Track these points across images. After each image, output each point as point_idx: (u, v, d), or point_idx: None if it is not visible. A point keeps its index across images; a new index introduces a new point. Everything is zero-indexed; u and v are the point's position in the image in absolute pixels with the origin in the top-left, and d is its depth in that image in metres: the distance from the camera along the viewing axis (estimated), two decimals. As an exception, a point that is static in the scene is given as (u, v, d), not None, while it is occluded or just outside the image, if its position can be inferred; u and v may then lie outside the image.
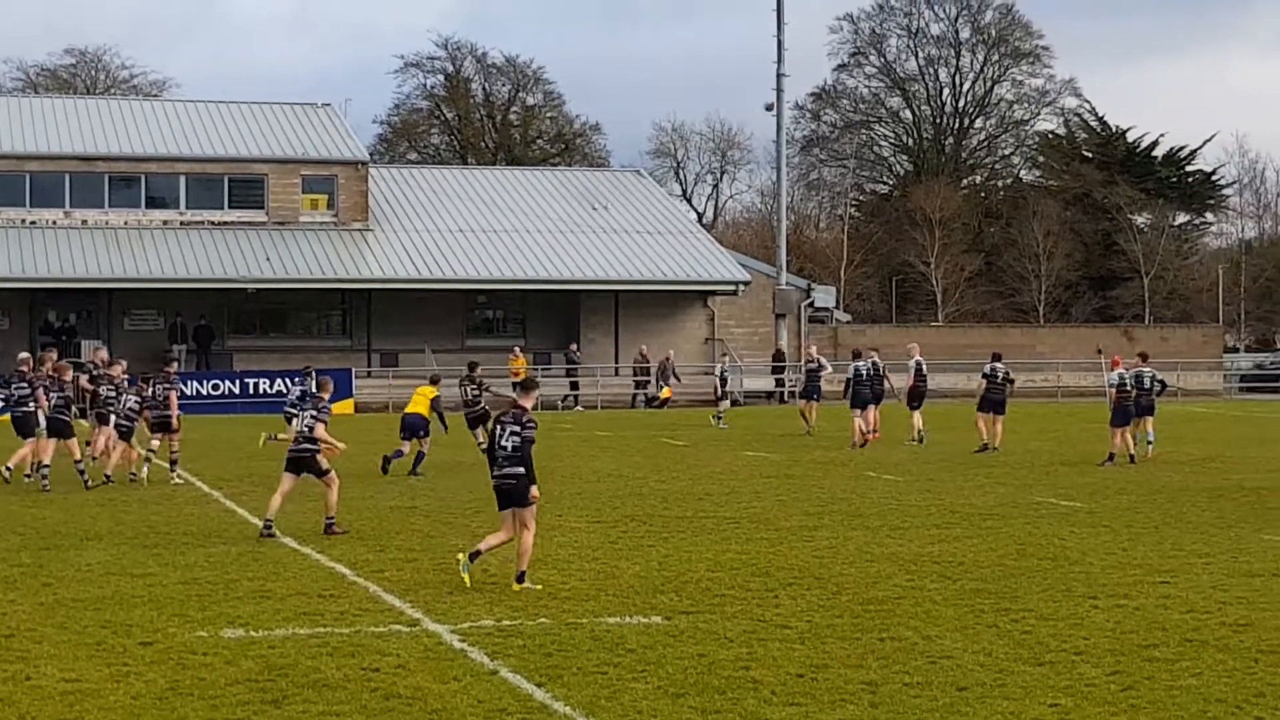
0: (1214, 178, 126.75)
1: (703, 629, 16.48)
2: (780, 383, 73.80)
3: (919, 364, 44.38)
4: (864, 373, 43.40)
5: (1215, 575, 19.77)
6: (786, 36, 78.76)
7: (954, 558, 21.34)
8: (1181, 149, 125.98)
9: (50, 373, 32.96)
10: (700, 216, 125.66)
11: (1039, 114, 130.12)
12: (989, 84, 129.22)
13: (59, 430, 31.88)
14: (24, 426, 32.32)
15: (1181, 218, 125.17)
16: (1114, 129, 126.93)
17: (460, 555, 19.39)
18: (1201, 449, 40.88)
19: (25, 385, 32.45)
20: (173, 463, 33.13)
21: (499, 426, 19.20)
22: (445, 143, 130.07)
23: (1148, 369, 38.03)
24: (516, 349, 67.65)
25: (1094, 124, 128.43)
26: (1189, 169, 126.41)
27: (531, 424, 19.09)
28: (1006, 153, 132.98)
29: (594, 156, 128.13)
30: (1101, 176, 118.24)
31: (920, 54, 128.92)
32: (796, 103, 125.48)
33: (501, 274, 70.89)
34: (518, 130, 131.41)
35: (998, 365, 42.06)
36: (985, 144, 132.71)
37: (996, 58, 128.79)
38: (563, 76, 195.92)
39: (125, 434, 32.91)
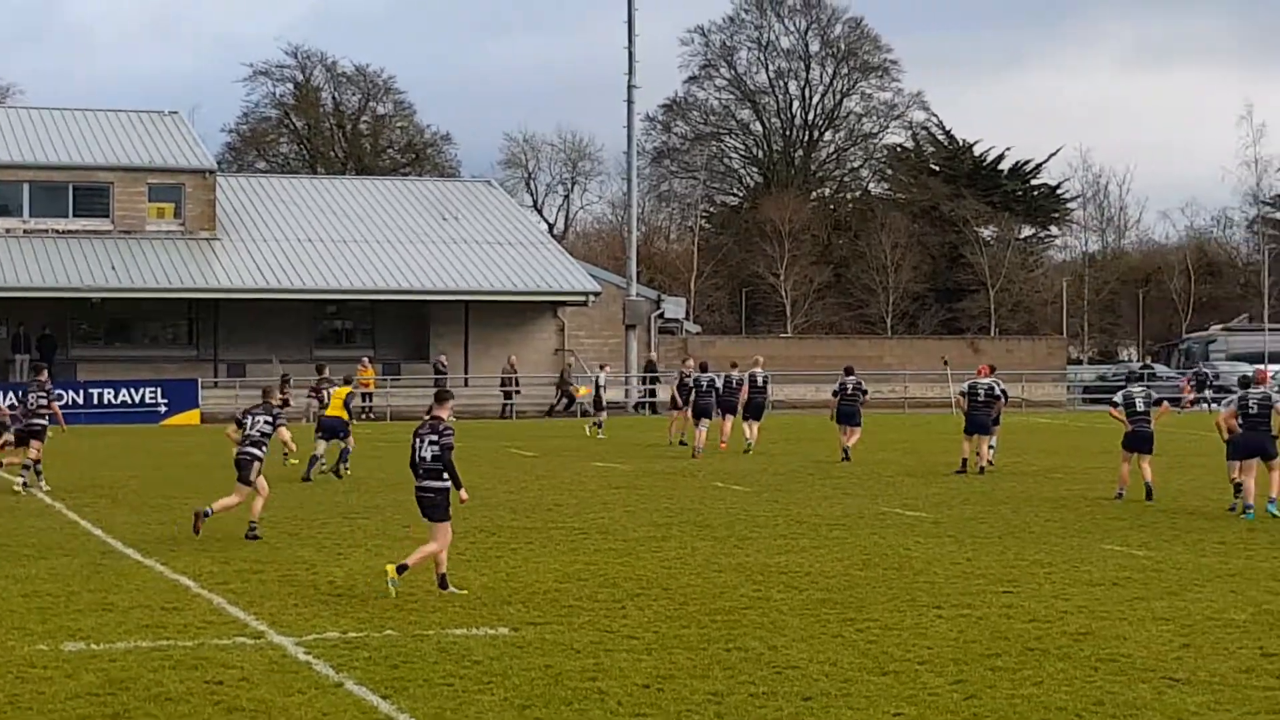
0: (1058, 191, 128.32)
1: (550, 640, 16.47)
2: (653, 393, 73.92)
3: (752, 376, 44.58)
4: (704, 384, 44.08)
5: (1057, 585, 20.00)
6: (637, 48, 78.92)
7: (800, 568, 21.46)
8: (1027, 163, 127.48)
9: None
10: (551, 227, 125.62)
11: (887, 127, 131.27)
12: (838, 97, 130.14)
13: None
14: None
15: (1027, 231, 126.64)
16: (961, 143, 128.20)
17: (388, 567, 19.43)
18: (1044, 460, 41.34)
19: None
20: (38, 470, 32.75)
21: (417, 439, 19.66)
22: (294, 152, 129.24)
23: (985, 380, 38.47)
24: (365, 360, 67.29)
25: (941, 137, 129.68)
26: (1034, 183, 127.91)
27: (449, 431, 19.67)
28: (855, 165, 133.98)
29: (444, 166, 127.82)
30: (948, 190, 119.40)
31: (770, 67, 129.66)
32: (647, 114, 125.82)
33: (351, 284, 70.49)
34: (368, 140, 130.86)
35: (849, 379, 42.33)
36: (834, 156, 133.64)
37: (846, 71, 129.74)
38: (413, 86, 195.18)
39: None
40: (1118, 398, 32.23)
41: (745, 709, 13.64)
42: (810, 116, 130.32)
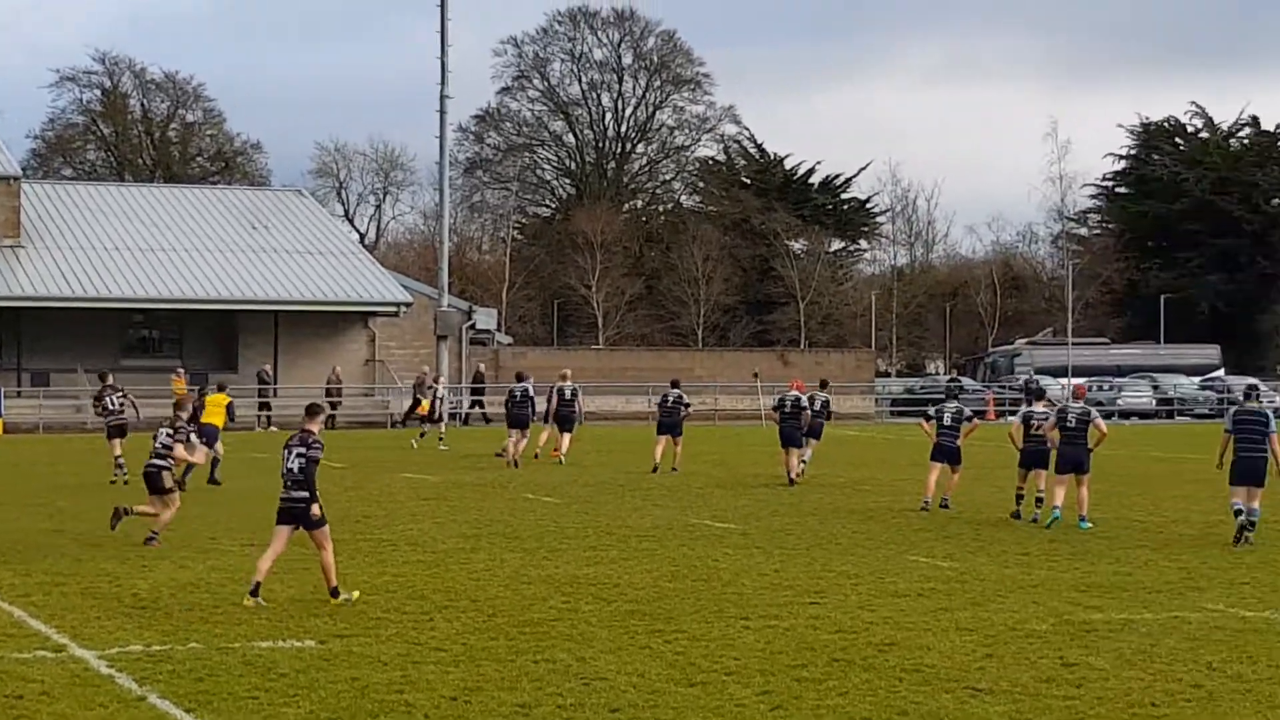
0: (868, 205, 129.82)
1: (357, 653, 16.37)
2: (482, 404, 73.68)
3: (560, 390, 44.71)
4: (518, 394, 44.38)
5: (863, 596, 20.19)
6: (450, 58, 78.69)
7: (609, 580, 21.49)
8: (837, 177, 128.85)
9: None
10: (362, 237, 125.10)
11: (699, 140, 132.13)
12: (651, 109, 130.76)
13: None
14: None
15: (836, 244, 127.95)
16: (772, 156, 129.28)
17: (248, 600, 19.37)
18: (852, 472, 41.72)
19: None
20: None
21: (286, 450, 19.84)
22: (102, 159, 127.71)
23: (794, 393, 38.84)
24: (180, 370, 66.42)
25: (753, 151, 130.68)
26: (844, 197, 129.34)
27: (317, 444, 19.78)
28: (667, 178, 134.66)
29: (255, 175, 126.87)
30: (760, 203, 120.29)
31: (583, 78, 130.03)
32: (460, 125, 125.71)
33: (159, 293, 69.71)
34: (176, 147, 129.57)
35: (671, 391, 42.82)
36: (646, 169, 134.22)
37: (658, 84, 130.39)
38: (223, 94, 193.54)
39: None
40: (931, 411, 32.80)
41: (553, 721, 13.66)
42: (623, 129, 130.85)
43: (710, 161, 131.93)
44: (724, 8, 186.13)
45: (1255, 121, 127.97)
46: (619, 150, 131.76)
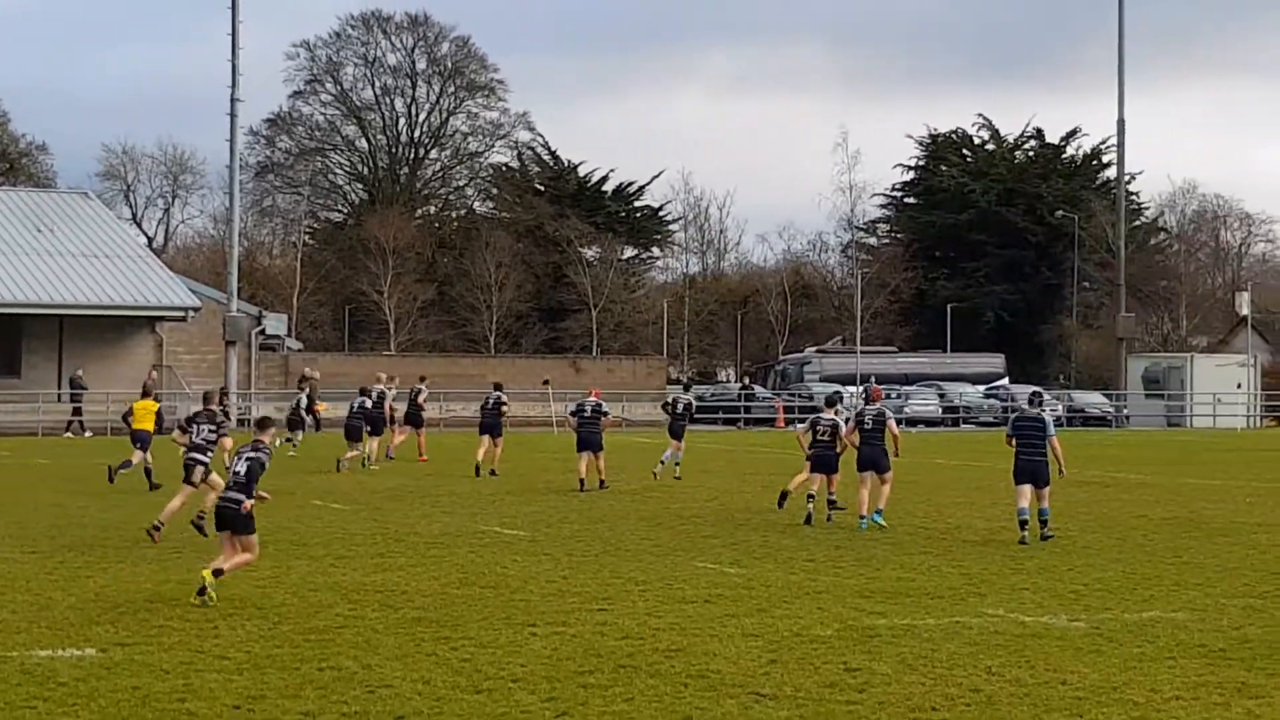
0: (660, 213, 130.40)
1: (139, 661, 16.17)
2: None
3: (382, 393, 47.27)
4: (354, 406, 46.04)
5: (650, 602, 20.26)
6: (242, 61, 78.02)
7: (397, 586, 21.41)
8: (630, 185, 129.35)
9: None
10: (150, 241, 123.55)
11: (493, 146, 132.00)
12: (444, 115, 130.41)
13: None
14: None
15: (629, 252, 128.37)
16: (566, 163, 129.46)
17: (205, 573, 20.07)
18: (642, 479, 41.84)
19: None
20: None
21: (236, 455, 21.29)
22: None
23: (592, 399, 39.10)
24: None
25: (546, 158, 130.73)
26: (637, 205, 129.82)
27: (266, 450, 21.45)
28: (461, 184, 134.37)
29: (40, 177, 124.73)
30: (553, 210, 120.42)
31: (376, 83, 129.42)
32: (251, 128, 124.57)
33: (-61, 295, 68.37)
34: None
35: (493, 393, 44.71)
36: (440, 175, 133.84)
37: (452, 89, 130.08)
38: (7, 95, 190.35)
39: None
40: (810, 421, 31.68)
41: (337, 729, 13.58)
42: (416, 134, 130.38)
43: (504, 168, 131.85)
44: (518, 15, 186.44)
45: (1040, 134, 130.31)
46: (412, 156, 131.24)
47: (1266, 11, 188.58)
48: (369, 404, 46.16)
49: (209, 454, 27.92)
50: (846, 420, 31.30)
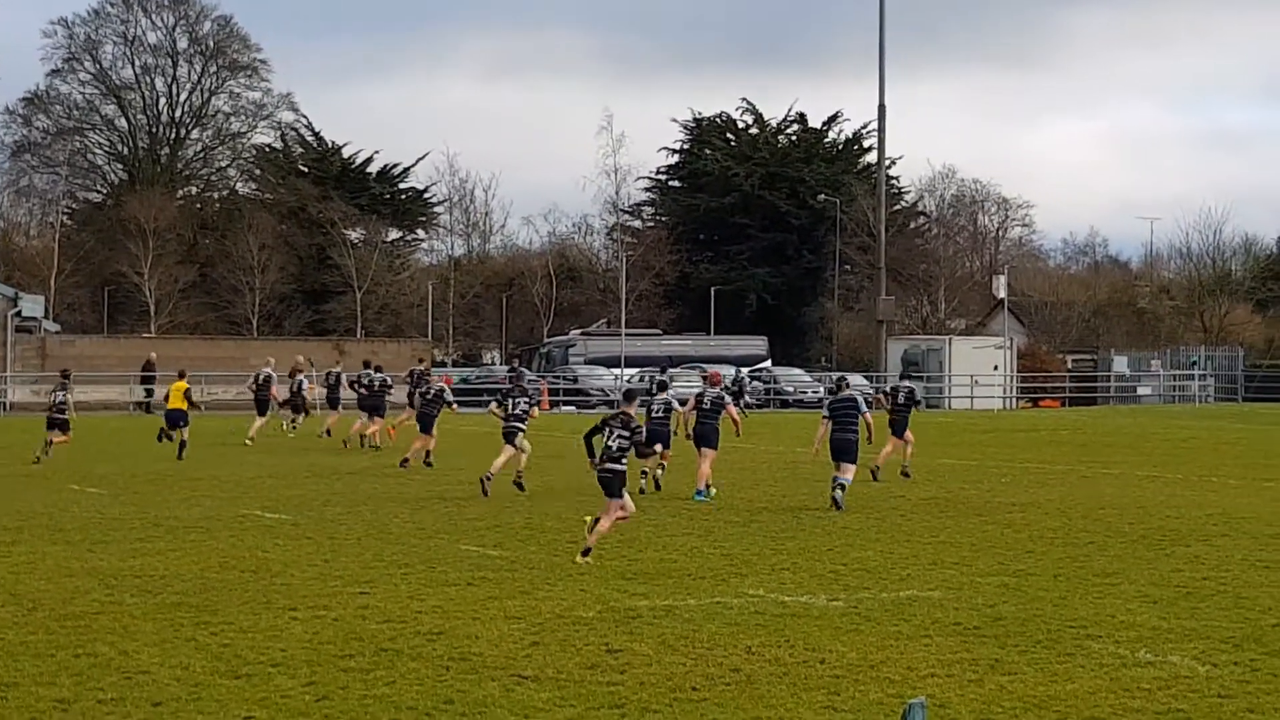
0: (425, 196, 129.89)
1: (-113, 650, 15.84)
2: (150, 394, 71.79)
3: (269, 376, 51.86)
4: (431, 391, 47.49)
5: (413, 585, 20.21)
6: (-4, 38, 76.45)
7: (155, 571, 21.15)
8: (394, 167, 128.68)
9: None
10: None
11: (256, 127, 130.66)
12: (206, 95, 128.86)
13: None
14: None
15: (394, 234, 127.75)
16: (330, 144, 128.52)
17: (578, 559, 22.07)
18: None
19: None
20: None
21: (607, 429, 23.20)
22: None
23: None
24: None
25: (310, 139, 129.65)
26: (402, 186, 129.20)
27: (640, 429, 23.40)
28: (223, 165, 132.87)
29: None
30: (317, 191, 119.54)
31: (137, 62, 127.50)
32: (7, 107, 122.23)
33: None
34: None
35: (375, 375, 47.88)
36: (202, 155, 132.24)
37: (214, 69, 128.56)
38: None
39: None
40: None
41: (93, 716, 13.39)
42: (178, 114, 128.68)
43: (267, 149, 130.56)
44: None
45: (803, 119, 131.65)
46: (173, 136, 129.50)
47: (1006, 5, 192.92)
48: (374, 385, 47.91)
49: (525, 422, 33.65)
50: (684, 401, 35.13)
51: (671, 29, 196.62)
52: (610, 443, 23.30)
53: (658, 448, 31.44)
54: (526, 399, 34.11)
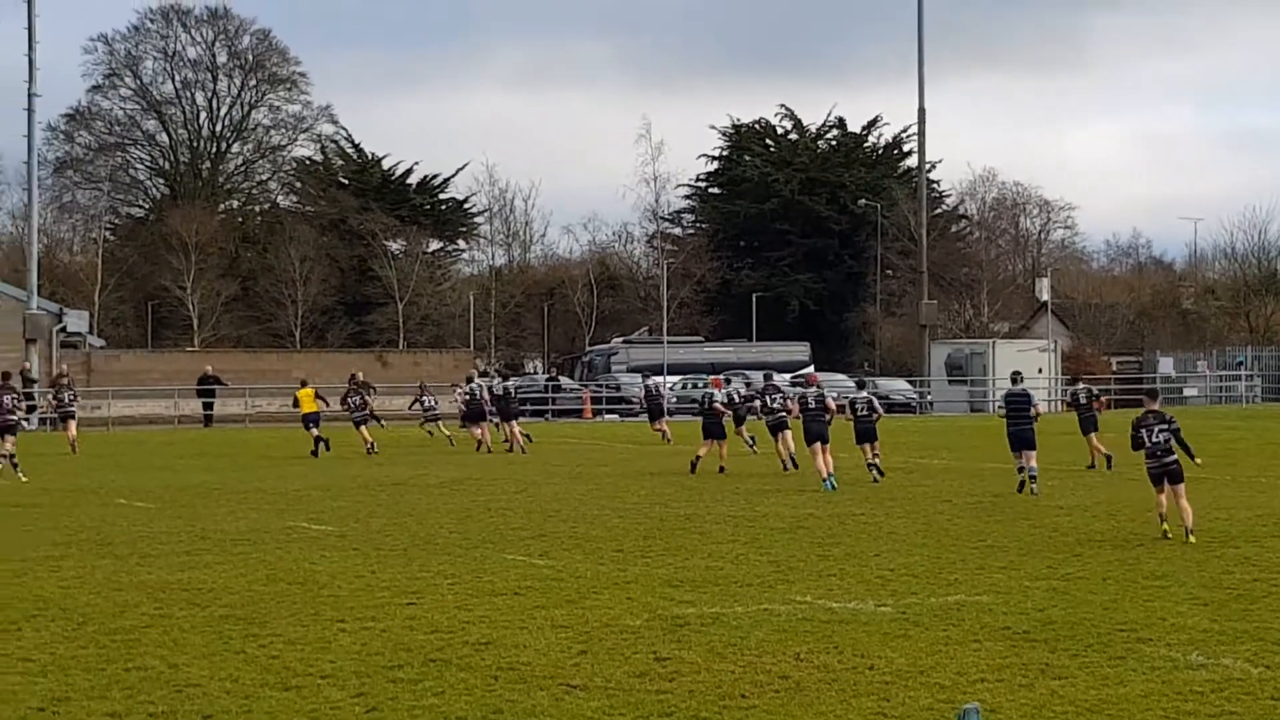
0: (466, 206, 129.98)
1: (-61, 666, 15.90)
2: (210, 406, 72.31)
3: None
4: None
5: (460, 595, 20.22)
6: (39, 55, 76.74)
7: (204, 584, 21.19)
8: (434, 177, 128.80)
9: None
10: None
11: (296, 140, 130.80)
12: (246, 109, 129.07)
13: None
14: None
15: (435, 245, 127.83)
16: (370, 156, 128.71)
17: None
18: (451, 471, 41.77)
19: None
20: None
21: (1144, 430, 25.56)
22: None
23: None
24: None
25: (350, 151, 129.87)
26: (442, 197, 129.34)
27: (1174, 421, 25.54)
28: (264, 178, 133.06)
29: None
30: (357, 203, 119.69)
31: (177, 77, 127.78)
32: (49, 124, 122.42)
33: None
34: None
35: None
36: (242, 169, 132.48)
37: (254, 83, 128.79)
38: None
39: None
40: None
41: (144, 730, 13.44)
42: (218, 128, 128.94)
43: (307, 161, 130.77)
44: (317, 8, 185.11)
45: (842, 124, 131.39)
46: (214, 150, 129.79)
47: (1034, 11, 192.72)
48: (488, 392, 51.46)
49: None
50: (789, 399, 40.67)
51: (706, 36, 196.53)
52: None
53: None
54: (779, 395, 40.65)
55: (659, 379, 36.65)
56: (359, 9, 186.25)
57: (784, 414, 40.82)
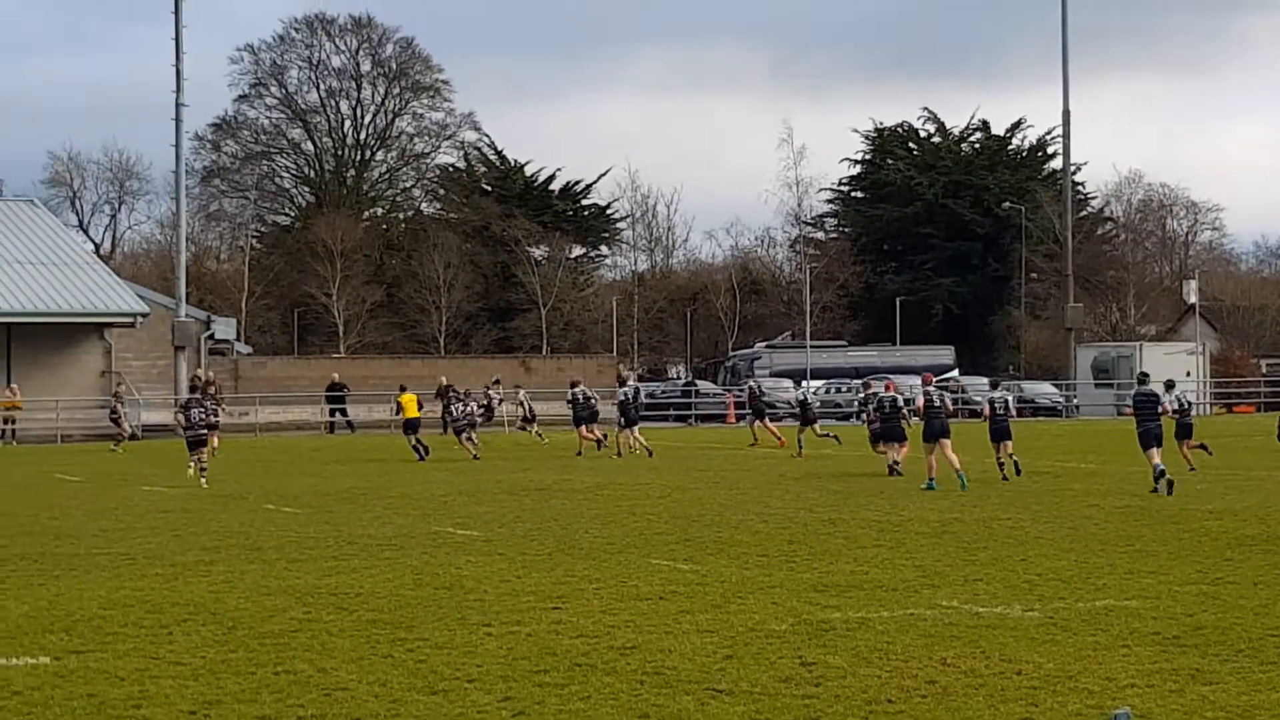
0: (608, 212, 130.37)
1: (93, 668, 16.09)
2: (339, 413, 73.31)
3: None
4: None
5: (605, 600, 20.23)
6: (186, 66, 77.81)
7: (351, 589, 21.34)
8: (577, 183, 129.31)
9: None
10: (97, 247, 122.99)
11: (439, 147, 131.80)
12: (390, 116, 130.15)
13: None
14: None
15: (577, 250, 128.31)
16: (512, 163, 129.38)
17: None
18: (593, 477, 41.87)
19: None
20: None
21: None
22: None
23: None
24: (14, 386, 66.39)
25: (493, 158, 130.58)
26: (584, 203, 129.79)
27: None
28: (407, 185, 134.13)
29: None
30: (500, 209, 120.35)
31: (322, 86, 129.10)
32: (196, 133, 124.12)
33: (-115, 306, 68.02)
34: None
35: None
36: (386, 176, 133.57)
37: (397, 91, 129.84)
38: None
39: None
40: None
41: (294, 733, 13.55)
42: (362, 136, 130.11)
43: (450, 169, 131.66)
44: (459, 17, 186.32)
45: (985, 126, 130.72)
46: (358, 158, 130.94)
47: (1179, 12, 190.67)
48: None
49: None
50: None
51: (848, 40, 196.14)
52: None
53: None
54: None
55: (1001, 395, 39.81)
56: (500, 17, 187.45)
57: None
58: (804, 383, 58.53)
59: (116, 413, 62.02)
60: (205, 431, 42.58)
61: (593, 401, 53.04)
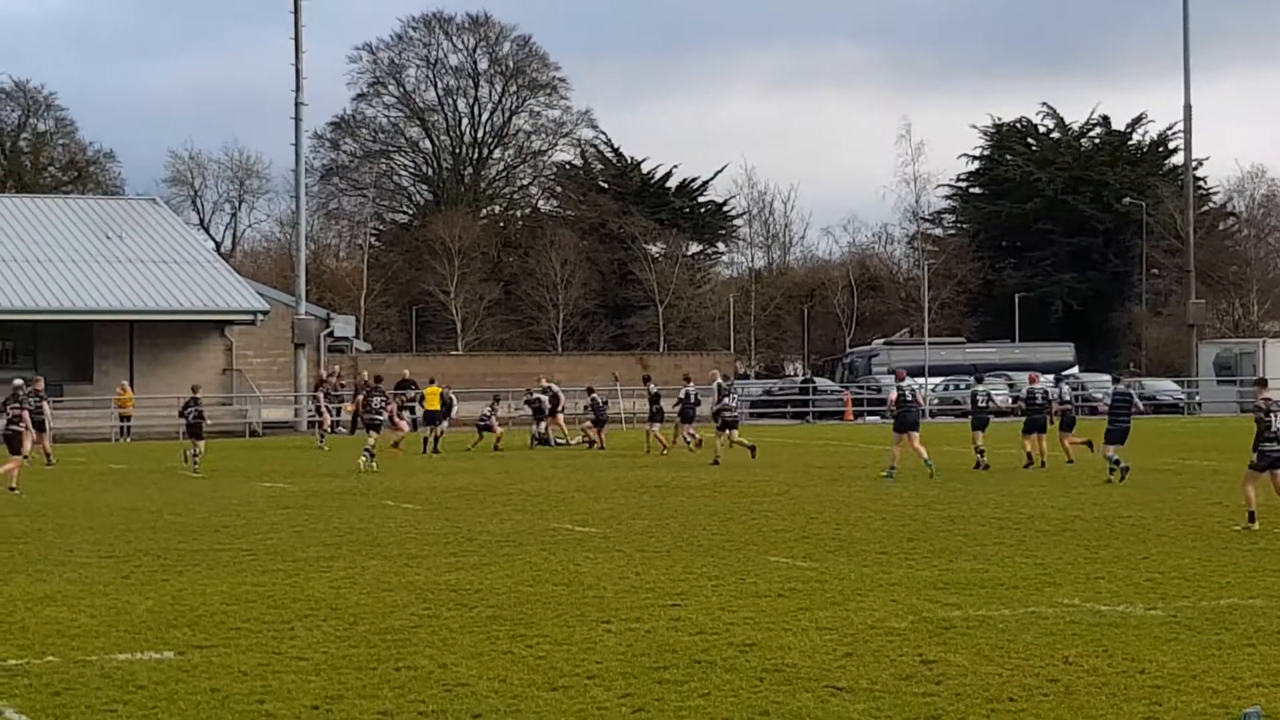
0: (725, 209, 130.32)
1: (216, 663, 16.22)
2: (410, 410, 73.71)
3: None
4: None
5: (724, 597, 20.21)
6: (305, 65, 78.38)
7: (471, 585, 21.41)
8: (694, 180, 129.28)
9: None
10: (218, 245, 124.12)
11: (556, 144, 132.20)
12: (507, 114, 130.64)
13: None
14: None
15: (694, 247, 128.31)
16: (629, 160, 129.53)
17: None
18: (711, 474, 41.84)
19: None
20: None
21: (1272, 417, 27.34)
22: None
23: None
24: (125, 384, 67.38)
25: (610, 155, 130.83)
26: (701, 200, 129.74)
27: None
28: (525, 183, 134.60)
29: (108, 184, 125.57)
30: (617, 207, 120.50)
31: (439, 84, 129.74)
32: (316, 132, 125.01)
33: (11, 304, 68.90)
34: (28, 157, 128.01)
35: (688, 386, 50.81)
36: (504, 174, 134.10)
37: (514, 89, 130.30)
38: (75, 103, 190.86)
39: None
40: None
41: (415, 728, 13.61)
42: (479, 134, 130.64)
43: (567, 166, 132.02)
44: (576, 14, 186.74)
45: (1106, 121, 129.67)
46: (476, 156, 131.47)
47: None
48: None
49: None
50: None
51: (966, 36, 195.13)
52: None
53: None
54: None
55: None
56: (616, 15, 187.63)
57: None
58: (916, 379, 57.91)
59: (322, 408, 62.81)
60: (380, 419, 45.82)
61: (697, 400, 52.92)
